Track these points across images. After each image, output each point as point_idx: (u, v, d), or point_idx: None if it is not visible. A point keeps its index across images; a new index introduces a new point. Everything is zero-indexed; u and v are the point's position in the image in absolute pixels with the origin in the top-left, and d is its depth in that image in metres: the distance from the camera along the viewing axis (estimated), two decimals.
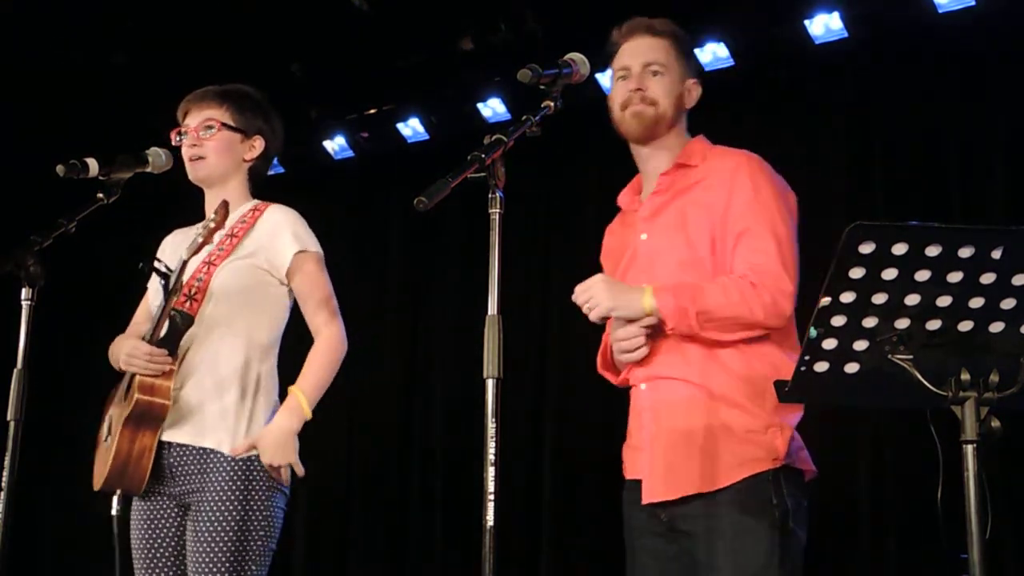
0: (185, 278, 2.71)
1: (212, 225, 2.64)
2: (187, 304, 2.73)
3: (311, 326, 2.83)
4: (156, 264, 2.65)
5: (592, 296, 2.41)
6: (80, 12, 5.01)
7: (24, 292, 2.72)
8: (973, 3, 4.34)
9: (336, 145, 5.85)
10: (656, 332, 2.50)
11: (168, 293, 2.63)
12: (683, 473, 2.42)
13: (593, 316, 2.43)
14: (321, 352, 2.79)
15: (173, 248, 2.92)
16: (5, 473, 2.62)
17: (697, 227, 2.52)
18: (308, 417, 2.73)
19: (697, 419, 2.44)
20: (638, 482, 2.52)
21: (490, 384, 2.06)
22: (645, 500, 2.47)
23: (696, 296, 2.40)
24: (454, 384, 5.37)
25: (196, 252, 2.67)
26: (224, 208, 2.65)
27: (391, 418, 5.62)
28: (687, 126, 2.69)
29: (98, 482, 2.74)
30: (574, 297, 2.45)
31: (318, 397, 2.76)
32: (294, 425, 2.70)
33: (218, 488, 2.63)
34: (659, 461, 2.47)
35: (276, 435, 2.67)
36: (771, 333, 2.49)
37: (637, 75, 2.60)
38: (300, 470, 2.71)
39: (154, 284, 2.87)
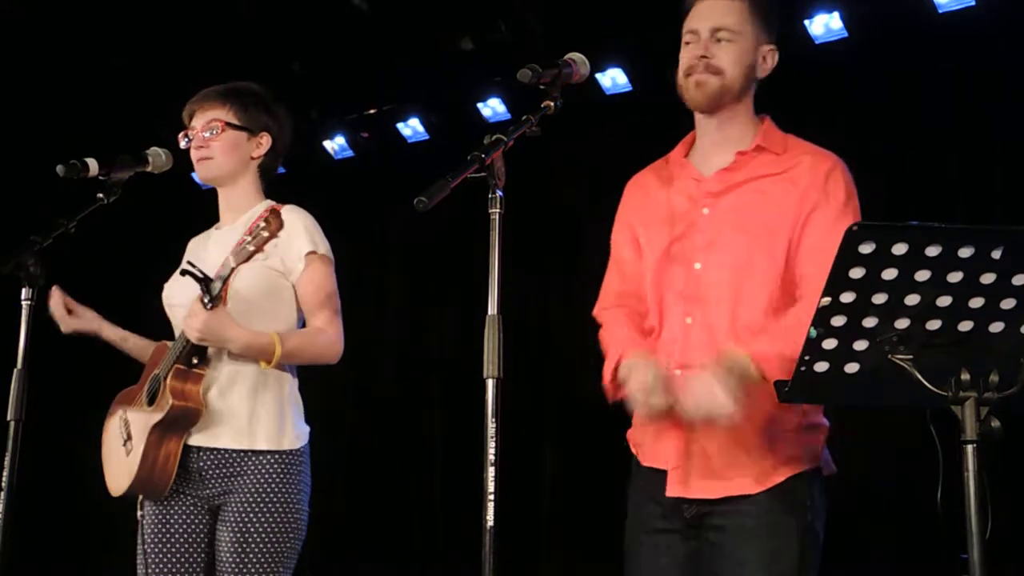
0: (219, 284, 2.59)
1: (266, 235, 2.49)
2: None
3: (309, 325, 2.76)
4: (191, 269, 2.56)
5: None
6: (80, 12, 5.01)
7: (24, 292, 2.73)
8: (973, 3, 4.34)
9: (336, 145, 5.85)
10: (692, 327, 2.41)
11: (212, 299, 2.55)
12: (729, 474, 2.33)
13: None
14: (317, 335, 2.73)
15: (194, 255, 2.86)
16: (5, 473, 2.62)
17: (774, 224, 2.39)
18: (249, 353, 2.62)
19: (743, 417, 2.26)
20: (659, 472, 2.40)
21: (490, 384, 2.05)
22: (673, 493, 2.35)
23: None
24: (454, 384, 5.37)
25: (246, 260, 2.53)
26: (277, 218, 2.50)
27: (391, 418, 5.62)
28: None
29: (119, 488, 2.72)
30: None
31: (287, 356, 2.66)
32: (241, 339, 2.60)
33: (251, 491, 2.62)
34: (698, 457, 2.35)
35: (220, 321, 2.58)
36: None
37: (704, 41, 2.46)
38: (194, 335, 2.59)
39: (173, 287, 2.84)
